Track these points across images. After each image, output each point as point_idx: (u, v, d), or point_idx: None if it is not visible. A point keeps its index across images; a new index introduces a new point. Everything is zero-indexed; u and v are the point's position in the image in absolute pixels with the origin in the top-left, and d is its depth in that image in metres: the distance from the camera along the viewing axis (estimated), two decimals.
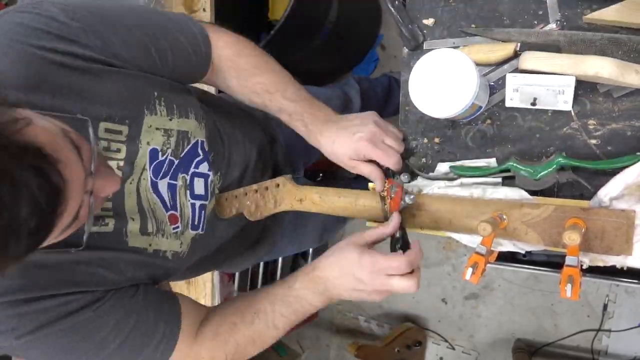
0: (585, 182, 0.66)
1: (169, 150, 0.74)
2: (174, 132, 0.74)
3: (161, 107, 0.72)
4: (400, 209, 0.72)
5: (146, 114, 0.69)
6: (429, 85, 0.73)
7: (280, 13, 1.41)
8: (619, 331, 1.66)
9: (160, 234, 0.74)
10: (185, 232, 0.78)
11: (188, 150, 0.77)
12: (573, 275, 0.53)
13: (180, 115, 0.75)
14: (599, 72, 0.63)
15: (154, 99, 0.71)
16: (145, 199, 0.72)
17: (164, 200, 0.75)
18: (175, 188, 0.77)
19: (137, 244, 0.71)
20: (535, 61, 0.69)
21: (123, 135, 0.67)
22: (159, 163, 0.73)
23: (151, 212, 0.73)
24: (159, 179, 0.74)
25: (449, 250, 1.95)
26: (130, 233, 0.70)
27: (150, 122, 0.70)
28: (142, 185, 0.71)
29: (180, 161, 0.76)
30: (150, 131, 0.70)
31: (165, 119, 0.72)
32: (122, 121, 0.67)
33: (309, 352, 2.32)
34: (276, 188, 0.83)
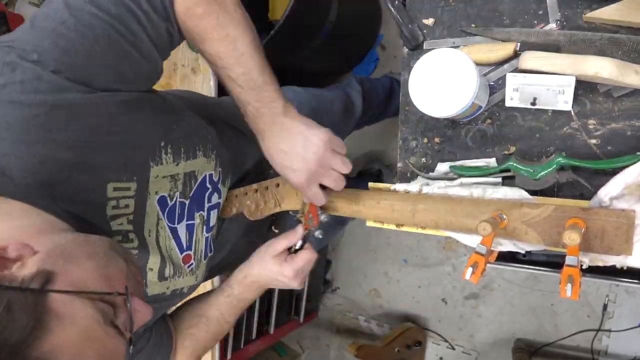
0: (585, 182, 0.66)
1: (176, 194, 0.72)
2: (180, 176, 0.72)
3: (167, 156, 0.68)
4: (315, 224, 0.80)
5: (152, 166, 0.66)
6: (429, 84, 0.73)
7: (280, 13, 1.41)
8: (619, 331, 1.66)
9: (177, 276, 0.75)
10: (200, 264, 0.80)
11: (196, 188, 0.76)
12: (573, 275, 0.53)
13: (188, 158, 0.72)
14: (599, 72, 0.63)
15: (159, 149, 0.67)
16: (164, 248, 0.72)
17: (181, 243, 0.75)
18: (193, 227, 0.77)
19: (155, 292, 0.72)
20: (535, 61, 0.69)
21: (132, 190, 0.65)
22: (171, 208, 0.72)
23: (169, 258, 0.73)
24: (177, 224, 0.73)
25: (449, 250, 1.95)
26: (149, 283, 0.70)
27: (157, 173, 0.67)
28: (161, 235, 0.71)
29: (192, 201, 0.75)
30: (157, 181, 0.68)
31: (172, 166, 0.69)
32: (130, 179, 0.64)
33: (309, 352, 2.32)
34: (276, 188, 0.83)
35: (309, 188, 0.71)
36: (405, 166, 0.86)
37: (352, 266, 2.19)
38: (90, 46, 0.56)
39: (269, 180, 0.84)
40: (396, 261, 2.08)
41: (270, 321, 1.85)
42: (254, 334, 1.78)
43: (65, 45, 0.55)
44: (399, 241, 2.06)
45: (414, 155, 0.85)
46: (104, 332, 0.45)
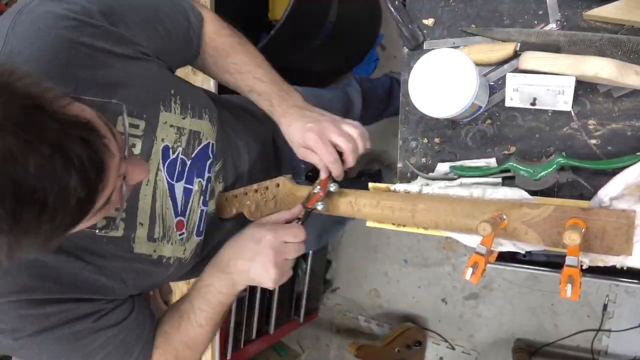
0: (585, 182, 0.66)
1: (179, 149, 0.74)
2: (186, 131, 0.75)
3: (176, 105, 0.73)
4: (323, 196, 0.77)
5: (162, 110, 0.70)
6: (428, 85, 0.73)
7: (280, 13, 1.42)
8: (619, 331, 1.66)
9: (165, 240, 0.74)
10: (191, 238, 0.78)
11: (199, 150, 0.77)
12: (573, 275, 0.53)
13: (194, 115, 0.76)
14: (599, 73, 0.63)
15: (170, 96, 0.72)
16: (159, 204, 0.72)
17: (177, 205, 0.75)
18: (191, 193, 0.76)
19: (142, 250, 0.71)
20: (535, 61, 0.69)
21: (140, 129, 0.67)
22: (172, 162, 0.73)
23: (161, 217, 0.72)
24: (175, 181, 0.74)
25: (449, 250, 1.95)
26: (137, 239, 0.70)
27: (165, 119, 0.71)
28: (158, 187, 0.71)
29: (193, 162, 0.76)
30: (165, 128, 0.71)
31: (179, 117, 0.73)
32: (140, 116, 0.67)
33: (309, 352, 2.32)
34: (276, 188, 0.83)
35: (323, 145, 0.74)
36: (405, 166, 0.86)
37: (352, 266, 2.19)
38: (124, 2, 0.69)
39: (269, 180, 0.84)
40: (396, 261, 2.08)
41: (270, 321, 1.85)
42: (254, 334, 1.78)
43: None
44: (399, 241, 2.06)
45: (414, 155, 0.85)
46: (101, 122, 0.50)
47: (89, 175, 0.44)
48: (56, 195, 0.41)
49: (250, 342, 1.77)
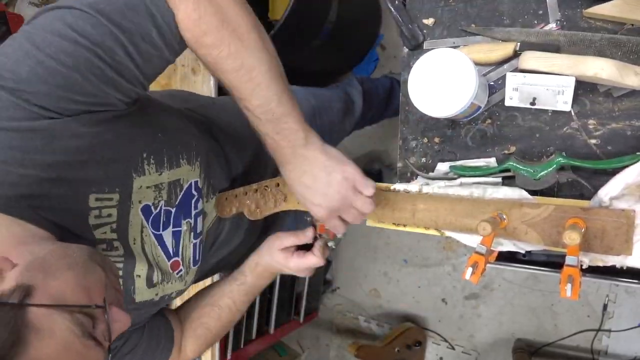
0: (585, 182, 0.66)
1: (161, 203, 0.71)
2: (164, 185, 0.70)
3: (150, 167, 0.66)
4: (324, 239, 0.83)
5: (135, 178, 0.64)
6: (428, 84, 0.73)
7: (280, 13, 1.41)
8: (619, 331, 1.66)
9: (165, 282, 0.75)
10: (189, 271, 0.79)
11: (182, 196, 0.74)
12: (573, 275, 0.53)
13: (171, 167, 0.70)
14: (598, 73, 0.63)
15: (141, 161, 0.64)
16: (150, 255, 0.72)
17: (167, 250, 0.75)
18: (180, 234, 0.76)
19: (145, 298, 0.72)
20: (535, 61, 0.69)
21: (114, 201, 0.63)
22: (155, 216, 0.71)
23: (156, 264, 0.72)
24: (162, 230, 0.73)
25: (449, 250, 1.95)
26: (137, 290, 0.70)
27: (140, 184, 0.66)
28: (146, 243, 0.70)
29: (178, 208, 0.74)
30: (140, 191, 0.66)
31: (155, 176, 0.67)
32: (112, 190, 0.62)
33: (309, 352, 2.32)
34: (276, 187, 0.83)
35: (329, 221, 0.71)
36: (405, 166, 0.86)
37: (352, 266, 2.19)
38: (70, 75, 0.53)
39: (269, 180, 0.84)
40: (396, 261, 2.08)
41: (270, 321, 1.85)
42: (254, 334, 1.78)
43: (43, 74, 0.52)
44: (399, 241, 2.06)
45: (414, 155, 0.85)
46: (82, 345, 0.46)
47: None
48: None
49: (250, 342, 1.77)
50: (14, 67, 0.52)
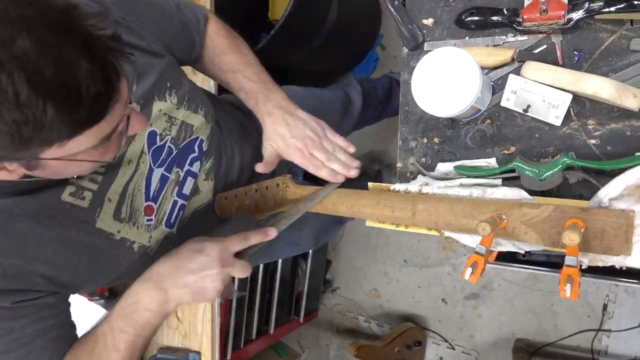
0: (595, 181, 0.66)
1: (168, 137, 0.76)
2: (177, 121, 0.77)
3: (172, 97, 0.76)
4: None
5: (155, 100, 0.73)
6: (432, 83, 0.73)
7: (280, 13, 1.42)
8: (619, 331, 1.66)
9: (131, 223, 0.72)
10: (158, 227, 0.76)
11: (187, 142, 0.79)
12: (572, 275, 0.53)
13: (189, 108, 0.79)
14: (598, 93, 0.64)
15: (165, 88, 0.75)
16: (133, 184, 0.72)
17: (149, 189, 0.74)
18: (167, 181, 0.77)
19: (104, 227, 0.69)
20: (538, 72, 0.69)
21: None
22: (158, 148, 0.75)
23: (130, 197, 0.72)
24: (156, 167, 0.75)
25: (449, 250, 1.95)
26: (102, 214, 0.69)
27: (159, 107, 0.74)
28: (139, 169, 0.72)
29: (179, 152, 0.78)
30: (158, 115, 0.74)
31: (173, 107, 0.76)
32: (134, 99, 0.65)
33: (309, 352, 2.32)
34: (276, 187, 0.83)
35: (305, 157, 0.80)
36: (405, 166, 0.86)
37: (352, 266, 2.19)
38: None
39: (269, 180, 0.84)
40: (396, 261, 2.08)
41: (270, 321, 1.85)
42: (254, 334, 1.78)
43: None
44: (399, 241, 2.06)
45: (414, 155, 0.85)
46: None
47: (108, 76, 0.48)
48: (79, 84, 0.45)
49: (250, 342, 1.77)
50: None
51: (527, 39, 0.74)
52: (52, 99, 0.44)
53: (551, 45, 0.72)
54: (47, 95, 0.44)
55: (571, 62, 0.71)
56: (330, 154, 0.81)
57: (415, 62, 0.81)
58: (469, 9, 0.77)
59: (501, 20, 0.74)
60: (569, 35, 0.71)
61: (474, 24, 0.77)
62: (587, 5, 0.66)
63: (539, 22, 0.70)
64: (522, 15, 0.71)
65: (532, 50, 0.74)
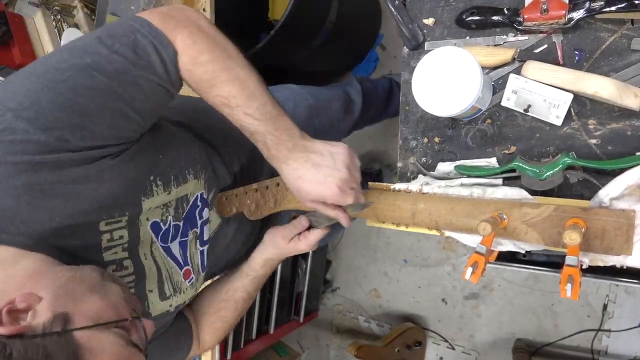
0: (595, 181, 0.66)
1: (169, 219, 0.73)
2: (172, 202, 0.72)
3: (158, 188, 0.68)
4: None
5: (143, 200, 0.66)
6: (432, 83, 0.73)
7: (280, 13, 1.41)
8: (619, 331, 1.66)
9: (178, 293, 0.76)
10: (199, 277, 0.81)
11: (189, 209, 0.77)
12: (573, 275, 0.53)
13: (178, 184, 0.72)
14: (599, 92, 0.64)
15: (149, 184, 0.67)
16: (163, 267, 0.73)
17: (177, 260, 0.76)
18: (187, 243, 0.77)
19: (159, 311, 0.73)
20: (538, 72, 0.69)
21: (123, 222, 0.65)
22: (165, 232, 0.73)
23: (168, 277, 0.74)
24: (170, 243, 0.74)
25: (449, 250, 1.95)
26: (151, 305, 0.71)
27: (149, 205, 0.68)
28: (157, 256, 0.72)
29: (185, 221, 0.77)
30: (149, 212, 0.68)
31: (164, 195, 0.70)
32: (122, 214, 0.64)
33: (309, 352, 2.32)
34: (276, 187, 0.83)
35: (345, 196, 0.69)
36: (406, 166, 0.86)
37: (352, 266, 2.19)
38: (88, 105, 0.56)
39: (269, 179, 0.84)
40: (396, 261, 2.08)
41: (270, 321, 1.85)
42: (254, 334, 1.78)
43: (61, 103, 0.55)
44: (399, 241, 2.06)
45: (414, 154, 0.85)
46: (129, 353, 0.50)
47: None
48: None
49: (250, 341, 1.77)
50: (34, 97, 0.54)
51: (527, 39, 0.74)
52: None
53: (552, 45, 0.72)
54: None
55: (572, 61, 0.71)
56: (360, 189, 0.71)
57: (415, 62, 0.81)
58: (469, 8, 0.77)
59: (502, 19, 0.74)
60: (569, 35, 0.71)
61: (475, 23, 0.77)
62: (587, 5, 0.66)
63: (539, 21, 0.70)
64: (522, 15, 0.71)
65: (532, 49, 0.74)
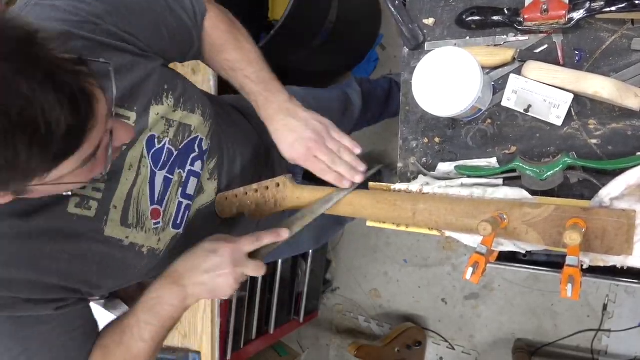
0: (596, 181, 0.66)
1: (166, 139, 0.75)
2: (175, 123, 0.76)
3: (168, 99, 0.74)
4: None
5: (152, 104, 0.72)
6: (433, 83, 0.73)
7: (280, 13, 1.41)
8: (619, 331, 1.66)
9: (139, 227, 0.73)
10: (166, 229, 0.77)
11: (187, 142, 0.78)
12: (574, 275, 0.53)
13: (186, 109, 0.77)
14: (599, 92, 0.64)
15: (162, 91, 0.73)
16: (137, 189, 0.72)
17: (154, 193, 0.74)
18: (170, 183, 0.76)
19: (113, 234, 0.70)
20: (538, 72, 0.69)
21: (131, 121, 0.69)
22: (157, 151, 0.74)
23: (136, 202, 0.72)
24: (158, 169, 0.74)
25: (449, 250, 1.95)
26: (110, 222, 0.69)
27: (157, 111, 0.72)
28: (141, 173, 0.72)
29: (179, 153, 0.77)
30: (157, 119, 0.73)
31: (170, 109, 0.74)
32: (130, 108, 0.68)
33: (309, 352, 2.32)
34: (276, 187, 0.83)
35: (307, 161, 0.78)
36: (406, 166, 0.86)
37: (352, 266, 2.19)
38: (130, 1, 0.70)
39: (269, 180, 0.84)
40: (396, 261, 2.08)
41: (270, 321, 1.85)
42: (254, 334, 1.78)
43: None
44: (399, 241, 2.06)
45: (414, 155, 0.85)
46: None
47: (79, 105, 0.46)
48: (47, 120, 0.43)
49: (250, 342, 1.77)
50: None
51: (528, 39, 0.74)
52: (22, 139, 0.42)
53: (552, 45, 0.72)
54: (16, 135, 0.42)
55: (572, 61, 0.71)
56: (334, 156, 0.78)
57: (416, 62, 0.81)
58: (469, 8, 0.77)
59: (502, 20, 0.74)
60: (569, 35, 0.71)
61: (475, 23, 0.77)
62: (588, 5, 0.66)
63: (539, 21, 0.70)
64: (523, 15, 0.71)
65: (533, 50, 0.74)
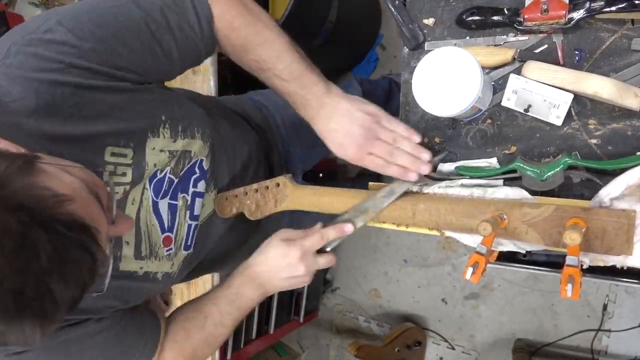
0: (598, 181, 0.66)
1: (167, 168, 0.73)
2: (177, 153, 0.74)
3: (165, 130, 0.71)
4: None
5: (149, 137, 0.69)
6: (432, 83, 0.73)
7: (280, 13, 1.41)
8: (619, 331, 1.66)
9: (153, 257, 0.74)
10: (178, 253, 0.79)
11: (187, 168, 0.77)
12: (573, 275, 0.53)
13: (186, 137, 0.75)
14: (599, 92, 0.64)
15: (159, 123, 0.70)
16: (144, 221, 0.71)
17: (162, 221, 0.74)
18: (176, 208, 0.76)
19: (128, 268, 0.71)
20: (538, 72, 0.69)
21: (128, 158, 0.67)
22: (159, 181, 0.72)
23: (147, 234, 0.72)
24: (160, 198, 0.73)
25: (449, 250, 1.95)
26: (124, 258, 0.70)
27: (153, 145, 0.69)
28: (143, 206, 0.71)
29: (180, 180, 0.76)
30: (154, 153, 0.70)
31: (169, 141, 0.72)
32: (127, 145, 0.66)
33: (309, 352, 2.32)
34: (276, 187, 0.83)
35: (361, 159, 0.74)
36: None
37: (352, 266, 2.19)
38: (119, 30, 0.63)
39: (269, 180, 0.84)
40: (396, 261, 2.08)
41: (270, 321, 1.85)
42: (254, 334, 1.78)
43: (99, 22, 0.61)
44: (399, 241, 2.06)
45: None
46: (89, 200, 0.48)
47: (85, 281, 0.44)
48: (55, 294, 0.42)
49: (250, 342, 1.77)
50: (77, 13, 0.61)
51: (527, 39, 0.74)
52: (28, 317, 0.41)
53: (552, 45, 0.72)
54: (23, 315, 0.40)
55: (572, 61, 0.71)
56: (391, 148, 0.72)
57: (415, 62, 0.81)
58: (469, 8, 0.77)
59: (502, 19, 0.74)
60: (569, 35, 0.71)
61: (475, 23, 0.77)
62: (588, 5, 0.66)
63: (539, 21, 0.70)
64: (522, 15, 0.71)
65: (533, 49, 0.74)
